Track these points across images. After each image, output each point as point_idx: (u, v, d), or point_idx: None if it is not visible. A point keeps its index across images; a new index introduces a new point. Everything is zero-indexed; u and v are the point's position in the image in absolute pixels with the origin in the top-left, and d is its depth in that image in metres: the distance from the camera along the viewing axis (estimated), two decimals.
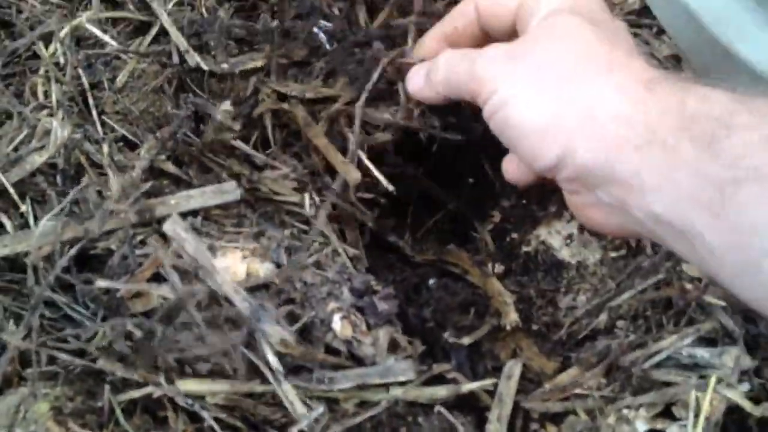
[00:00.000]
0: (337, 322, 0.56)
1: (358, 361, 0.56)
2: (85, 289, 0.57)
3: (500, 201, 0.79)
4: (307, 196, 0.65)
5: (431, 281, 0.71)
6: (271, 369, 0.52)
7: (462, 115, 0.66)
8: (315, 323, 0.55)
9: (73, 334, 0.56)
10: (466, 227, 0.78)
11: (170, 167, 0.65)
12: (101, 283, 0.55)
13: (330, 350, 0.56)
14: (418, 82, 0.63)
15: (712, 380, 0.57)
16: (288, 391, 0.52)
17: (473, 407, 0.60)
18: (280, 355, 0.52)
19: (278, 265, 0.58)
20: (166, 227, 0.57)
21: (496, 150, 0.57)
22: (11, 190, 0.61)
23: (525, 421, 0.60)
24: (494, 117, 0.52)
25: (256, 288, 0.56)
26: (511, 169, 0.58)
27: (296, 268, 0.57)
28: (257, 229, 0.60)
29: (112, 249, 0.58)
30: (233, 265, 0.56)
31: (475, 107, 0.55)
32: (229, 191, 0.61)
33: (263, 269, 0.57)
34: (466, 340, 0.63)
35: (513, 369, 0.61)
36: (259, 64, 0.76)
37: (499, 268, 0.74)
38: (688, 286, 0.63)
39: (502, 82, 0.52)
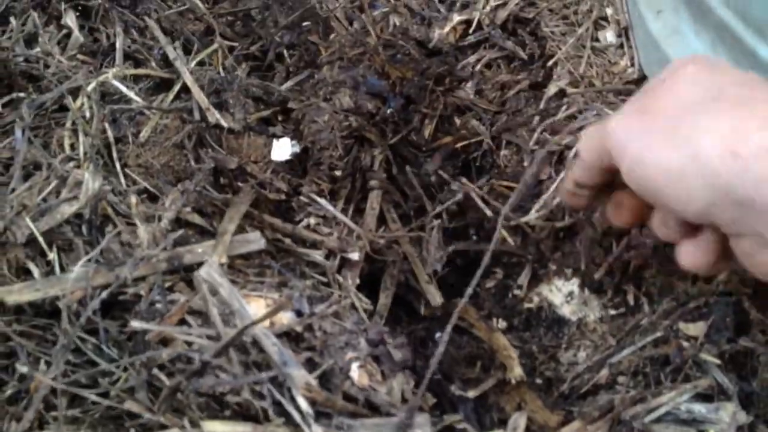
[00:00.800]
0: (354, 371, 0.58)
1: (374, 408, 0.58)
2: (111, 334, 0.59)
3: (503, 258, 0.82)
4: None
5: (438, 335, 0.73)
6: (300, 411, 0.54)
7: None
8: (334, 371, 0.58)
9: (99, 373, 0.57)
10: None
11: (196, 218, 0.68)
12: (135, 324, 0.57)
13: (347, 398, 0.58)
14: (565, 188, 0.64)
15: None
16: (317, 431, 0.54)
17: None
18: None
19: (299, 314, 0.61)
20: (203, 272, 0.59)
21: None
22: (40, 239, 0.64)
23: None
24: (633, 177, 0.52)
25: (279, 335, 0.58)
26: (662, 231, 0.58)
27: (317, 318, 0.60)
28: (279, 279, 0.63)
29: (140, 294, 0.60)
30: (258, 313, 0.58)
31: None
32: (254, 241, 0.64)
33: (286, 317, 0.59)
34: (471, 393, 0.66)
35: (518, 421, 0.64)
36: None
37: (501, 323, 0.77)
38: (685, 343, 0.66)
39: (631, 139, 0.52)
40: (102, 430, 0.57)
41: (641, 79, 0.84)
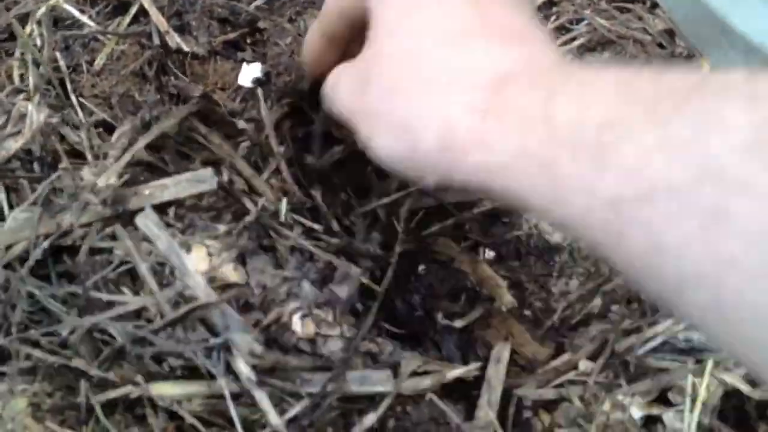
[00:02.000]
0: (297, 323, 0.54)
1: (327, 358, 0.54)
2: (57, 289, 0.55)
3: None
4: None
5: (421, 267, 0.69)
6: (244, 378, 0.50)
7: None
8: (278, 327, 0.54)
9: (50, 330, 0.54)
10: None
11: (144, 155, 0.63)
12: (69, 288, 0.54)
13: (300, 351, 0.54)
14: None
15: (709, 364, 0.55)
16: (261, 398, 0.50)
17: (463, 395, 0.58)
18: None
19: (244, 265, 0.56)
20: (138, 221, 0.55)
21: None
22: None
23: (518, 408, 0.59)
24: (369, 154, 0.48)
25: (222, 289, 0.54)
26: None
27: (255, 273, 0.56)
28: (225, 227, 0.58)
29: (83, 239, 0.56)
30: (199, 265, 0.54)
31: None
32: (206, 180, 0.59)
33: (227, 270, 0.55)
34: (458, 323, 0.62)
35: (501, 352, 0.60)
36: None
37: (489, 254, 0.72)
38: None
39: (358, 121, 0.49)
40: (59, 381, 0.53)
41: None
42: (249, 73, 0.76)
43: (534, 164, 0.37)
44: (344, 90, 0.51)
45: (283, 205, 0.61)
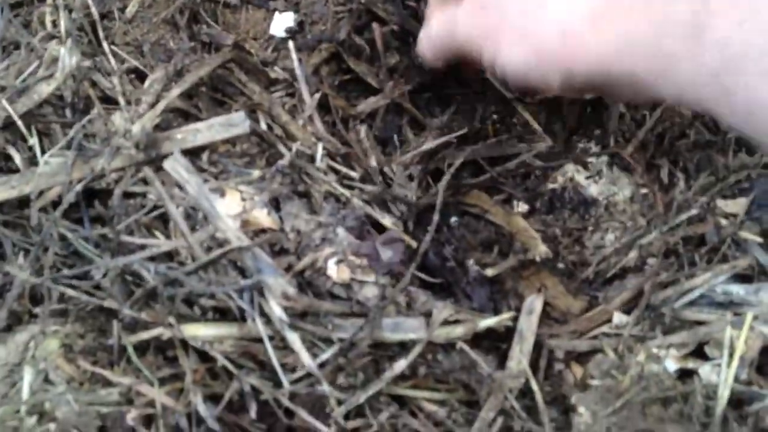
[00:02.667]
0: (332, 268, 0.54)
1: (362, 304, 0.54)
2: (90, 232, 0.56)
3: (525, 136, 0.76)
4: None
5: (453, 219, 0.68)
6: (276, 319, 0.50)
7: None
8: (313, 272, 0.53)
9: (83, 272, 0.54)
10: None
11: (177, 102, 0.62)
12: (101, 231, 0.54)
13: (333, 296, 0.54)
14: (423, 52, 0.66)
15: (748, 317, 0.54)
16: (293, 340, 0.50)
17: (494, 346, 0.58)
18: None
19: (278, 210, 0.56)
20: (167, 165, 0.54)
21: None
22: (19, 122, 0.59)
23: (549, 360, 0.58)
24: (495, 74, 0.57)
25: (255, 234, 0.54)
26: None
27: (290, 218, 0.55)
28: (259, 172, 0.58)
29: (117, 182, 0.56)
30: (233, 210, 0.54)
31: None
32: (238, 124, 0.58)
33: (261, 215, 0.55)
34: (490, 272, 0.61)
35: (534, 304, 0.59)
36: None
37: (522, 207, 0.71)
38: (723, 221, 0.60)
39: (482, 38, 0.56)
40: (90, 323, 0.54)
41: None
42: (281, 22, 0.75)
43: (644, 45, 0.47)
44: (462, 22, 0.58)
45: (319, 149, 0.61)
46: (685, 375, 0.54)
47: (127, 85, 0.62)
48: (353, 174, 0.62)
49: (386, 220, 0.59)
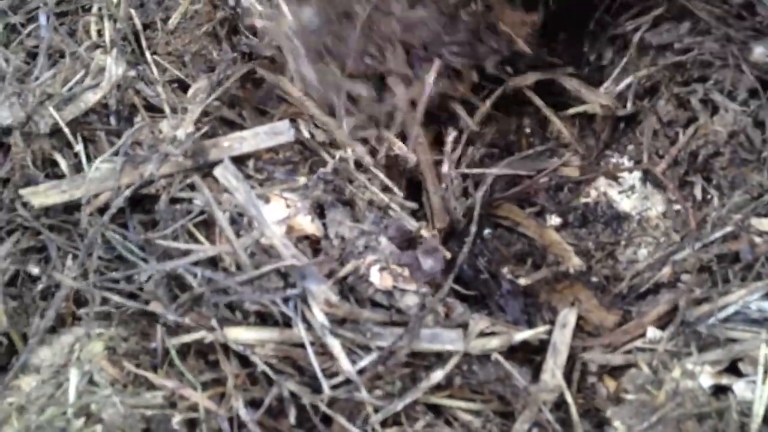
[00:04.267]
0: (375, 275, 0.55)
1: (402, 312, 0.54)
2: (135, 236, 0.57)
3: (558, 152, 0.76)
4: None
5: (486, 231, 0.69)
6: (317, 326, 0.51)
7: None
8: (356, 279, 0.54)
9: (127, 275, 0.55)
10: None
11: (224, 110, 0.64)
12: (146, 235, 0.55)
13: (374, 303, 0.55)
14: None
15: None
16: (333, 345, 0.51)
17: (528, 359, 0.58)
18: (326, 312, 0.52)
19: (322, 217, 0.57)
20: (217, 172, 0.56)
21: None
22: (66, 129, 0.61)
23: (582, 374, 0.59)
24: None
25: (299, 240, 0.55)
26: None
27: (334, 225, 0.56)
28: (306, 178, 0.59)
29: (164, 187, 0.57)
30: (278, 216, 0.55)
31: None
32: (283, 132, 0.60)
33: (305, 222, 0.56)
34: (523, 281, 0.61)
35: (568, 317, 0.59)
36: None
37: (555, 220, 0.72)
38: (758, 239, 0.61)
39: None
40: (133, 327, 0.55)
41: None
42: None
43: None
44: None
45: (364, 156, 0.62)
46: (719, 391, 0.54)
47: (170, 93, 0.64)
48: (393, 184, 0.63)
49: (425, 231, 0.60)
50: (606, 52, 0.77)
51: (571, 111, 0.74)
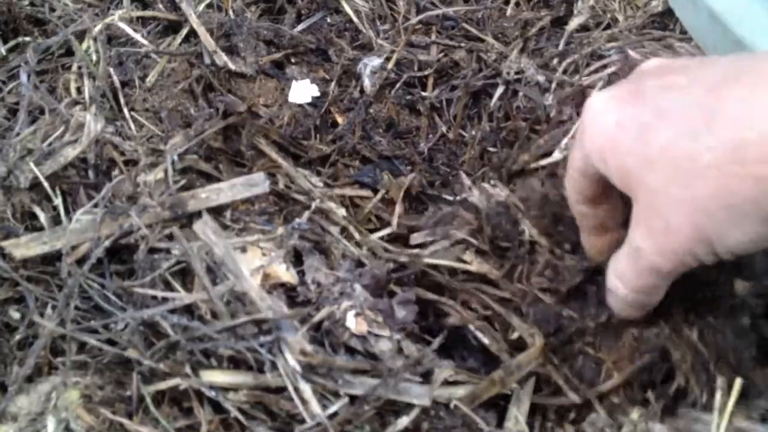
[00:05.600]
0: (351, 320, 0.57)
1: (376, 358, 0.57)
2: (113, 284, 0.59)
3: None
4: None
5: None
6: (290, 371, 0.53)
7: None
8: (332, 323, 0.57)
9: (104, 324, 0.57)
10: None
11: (201, 164, 0.66)
12: (127, 283, 0.57)
13: (348, 349, 0.57)
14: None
15: None
16: (305, 390, 0.53)
17: (494, 404, 0.60)
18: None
19: (297, 264, 0.60)
20: (196, 228, 0.58)
21: None
22: (45, 183, 0.63)
23: (543, 419, 0.61)
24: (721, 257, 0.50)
25: (273, 287, 0.57)
26: None
27: (311, 271, 0.59)
28: (281, 229, 0.61)
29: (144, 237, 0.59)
30: (254, 265, 0.57)
31: None
32: (258, 183, 0.62)
33: (281, 270, 0.58)
34: (486, 340, 0.63)
35: None
36: None
37: None
38: None
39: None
40: (109, 375, 0.56)
41: (666, 12, 0.80)
42: (300, 90, 0.80)
43: None
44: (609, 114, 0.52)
45: (337, 210, 0.65)
46: None
47: (147, 148, 0.66)
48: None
49: (412, 297, 0.63)
50: None
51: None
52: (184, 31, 0.79)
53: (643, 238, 0.51)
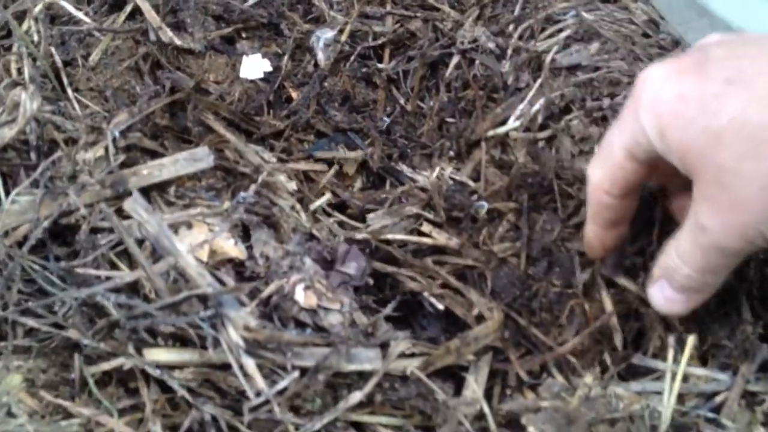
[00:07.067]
0: (300, 293, 0.56)
1: (324, 330, 0.55)
2: (56, 266, 0.57)
3: None
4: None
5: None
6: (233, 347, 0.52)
7: None
8: (280, 298, 0.55)
9: (46, 304, 0.55)
10: None
11: (145, 141, 0.64)
12: (65, 265, 0.56)
13: (297, 323, 0.56)
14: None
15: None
16: (249, 365, 0.51)
17: (451, 374, 0.59)
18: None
19: (247, 239, 0.58)
20: (126, 205, 0.56)
21: None
22: None
23: (503, 387, 0.60)
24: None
25: (221, 263, 0.56)
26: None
27: (259, 245, 0.57)
28: (227, 203, 0.60)
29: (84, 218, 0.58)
30: (198, 241, 0.56)
31: None
32: (203, 158, 0.61)
33: (227, 245, 0.57)
34: (441, 306, 0.62)
35: None
36: None
37: None
38: None
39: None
40: (53, 359, 0.55)
41: None
42: (251, 65, 0.78)
43: None
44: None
45: (288, 183, 0.63)
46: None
47: (89, 127, 0.64)
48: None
49: (353, 250, 0.62)
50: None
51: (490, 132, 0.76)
52: (129, 8, 0.77)
53: (709, 215, 0.48)
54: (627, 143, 0.52)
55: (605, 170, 0.54)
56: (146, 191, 0.60)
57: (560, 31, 0.78)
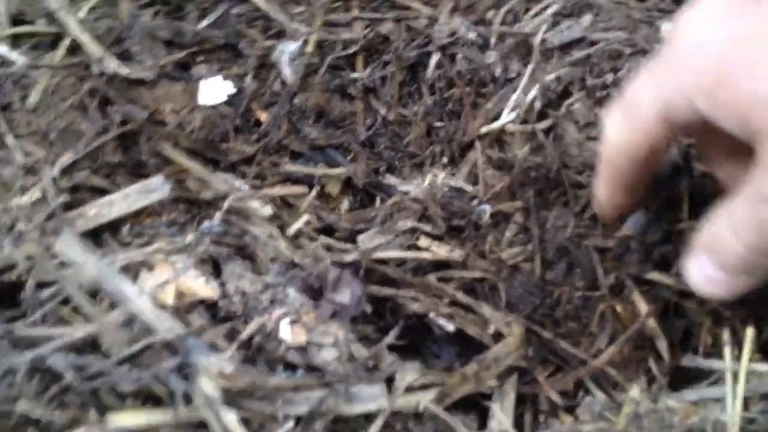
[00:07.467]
0: (285, 330, 0.48)
1: (318, 369, 0.48)
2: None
3: None
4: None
5: None
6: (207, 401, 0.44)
7: None
8: (263, 337, 0.48)
9: None
10: None
11: (94, 179, 0.57)
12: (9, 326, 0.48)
13: (287, 365, 0.48)
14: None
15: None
16: (229, 421, 0.43)
17: (473, 404, 0.51)
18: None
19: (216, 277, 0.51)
20: (58, 248, 0.49)
21: None
22: None
23: (535, 413, 0.52)
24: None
25: (192, 306, 0.48)
26: None
27: (233, 279, 0.50)
28: (191, 236, 0.52)
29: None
30: (162, 282, 0.48)
31: None
32: (157, 188, 0.53)
33: (196, 284, 0.49)
34: (451, 327, 0.55)
35: None
36: None
37: None
38: None
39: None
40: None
41: None
42: (210, 90, 0.71)
43: None
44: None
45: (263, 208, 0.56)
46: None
47: (25, 169, 0.57)
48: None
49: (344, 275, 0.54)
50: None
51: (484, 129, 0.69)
52: (67, 42, 0.70)
53: None
54: (660, 105, 0.43)
55: (629, 132, 0.46)
56: (96, 234, 0.52)
57: (546, 8, 0.72)
